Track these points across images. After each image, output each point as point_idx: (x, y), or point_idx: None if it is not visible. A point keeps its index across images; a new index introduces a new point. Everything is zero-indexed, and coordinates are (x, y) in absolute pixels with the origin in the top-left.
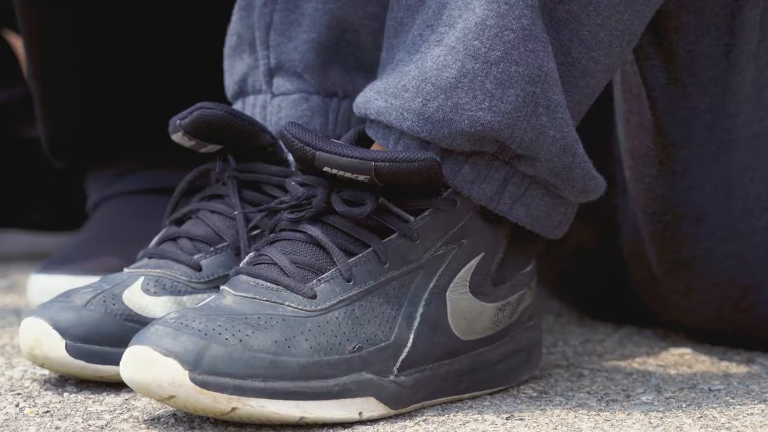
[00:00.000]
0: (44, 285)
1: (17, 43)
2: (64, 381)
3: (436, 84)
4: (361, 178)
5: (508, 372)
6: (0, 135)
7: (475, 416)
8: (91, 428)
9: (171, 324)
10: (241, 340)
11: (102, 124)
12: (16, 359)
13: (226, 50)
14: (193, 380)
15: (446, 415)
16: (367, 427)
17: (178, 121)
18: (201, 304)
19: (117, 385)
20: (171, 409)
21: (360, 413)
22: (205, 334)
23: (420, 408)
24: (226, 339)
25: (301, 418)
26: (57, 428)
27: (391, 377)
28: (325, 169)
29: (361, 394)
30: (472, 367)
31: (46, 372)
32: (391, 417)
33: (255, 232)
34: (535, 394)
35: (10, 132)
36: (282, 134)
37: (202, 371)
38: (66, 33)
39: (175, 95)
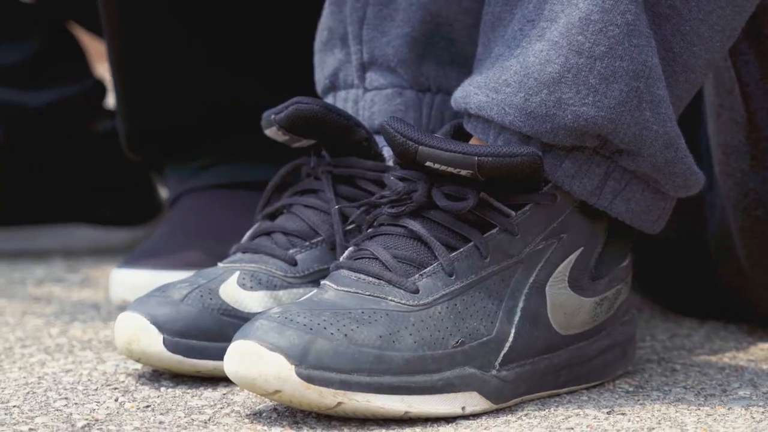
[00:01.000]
0: (127, 280)
1: (84, 37)
2: (158, 375)
3: (539, 79)
4: (463, 172)
5: (605, 366)
6: (68, 129)
7: (575, 410)
8: (194, 423)
9: (276, 319)
10: (346, 335)
11: (182, 118)
12: (106, 353)
13: (317, 45)
14: (299, 375)
15: (547, 410)
16: (470, 421)
17: (272, 116)
18: (303, 298)
19: (213, 380)
20: (271, 403)
21: (463, 408)
22: (311, 329)
23: (519, 402)
24: (332, 334)
25: (406, 412)
26: (161, 423)
27: (493, 372)
28: (427, 163)
29: (465, 389)
30: (570, 362)
31: (139, 366)
32: (492, 412)
33: (349, 227)
34: (631, 389)
35: (78, 126)
36: (383, 128)
37: (308, 366)
38: (148, 26)
39: (256, 89)
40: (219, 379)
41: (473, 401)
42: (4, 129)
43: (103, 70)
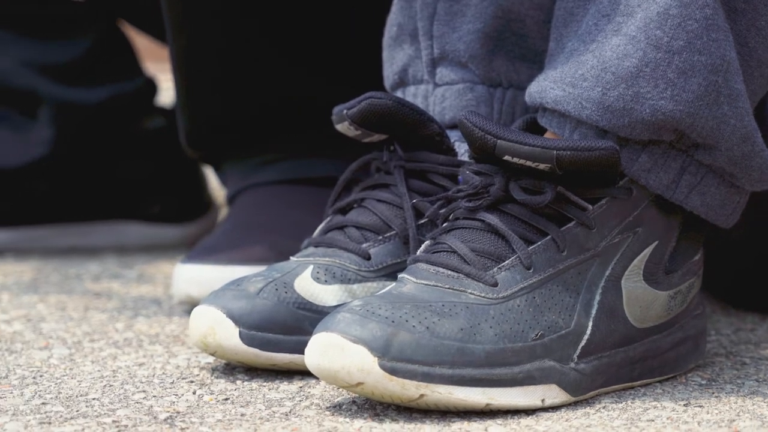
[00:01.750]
0: (191, 275)
1: (134, 35)
2: (232, 369)
3: (616, 73)
4: (541, 166)
5: (678, 360)
6: (120, 127)
7: (653, 403)
8: (276, 415)
9: (357, 311)
10: (427, 328)
11: (243, 115)
12: (175, 347)
13: (386, 41)
14: (382, 367)
15: (624, 403)
16: (550, 413)
17: (344, 111)
18: (382, 291)
19: (288, 373)
20: (350, 396)
21: (543, 400)
22: (393, 322)
23: (596, 395)
24: (413, 326)
25: (487, 404)
26: (242, 415)
27: (572, 364)
28: (506, 157)
29: (544, 381)
30: (645, 355)
31: (212, 359)
32: (570, 404)
33: (422, 221)
34: (704, 382)
35: (130, 124)
36: (461, 123)
37: (391, 358)
38: (211, 22)
39: (318, 85)
40: (294, 372)
41: (552, 394)
42: (58, 126)
43: (154, 68)
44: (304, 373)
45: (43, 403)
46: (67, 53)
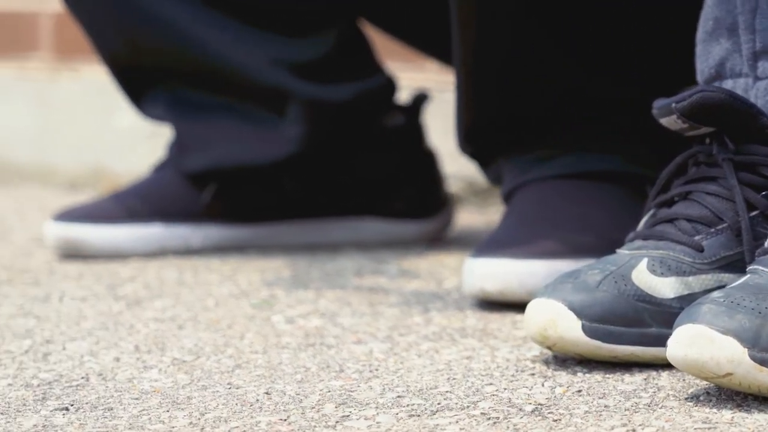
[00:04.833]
0: (485, 269)
1: (372, 33)
2: (563, 361)
3: None
4: None
5: None
6: (364, 124)
7: None
8: (640, 406)
9: (722, 303)
10: None
11: (526, 111)
12: (491, 341)
13: (700, 35)
14: (752, 358)
15: None
16: None
17: (673, 105)
18: (737, 283)
19: (624, 365)
20: (702, 387)
21: None
22: (759, 313)
23: None
24: None
25: None
26: (606, 407)
27: None
28: None
29: None
30: None
31: (537, 351)
32: None
33: (753, 213)
34: None
35: (373, 122)
36: None
37: (761, 349)
38: (500, 21)
39: (598, 83)
40: (631, 364)
41: None
42: (307, 124)
43: (393, 67)
44: (641, 365)
45: (398, 396)
46: (314, 51)
